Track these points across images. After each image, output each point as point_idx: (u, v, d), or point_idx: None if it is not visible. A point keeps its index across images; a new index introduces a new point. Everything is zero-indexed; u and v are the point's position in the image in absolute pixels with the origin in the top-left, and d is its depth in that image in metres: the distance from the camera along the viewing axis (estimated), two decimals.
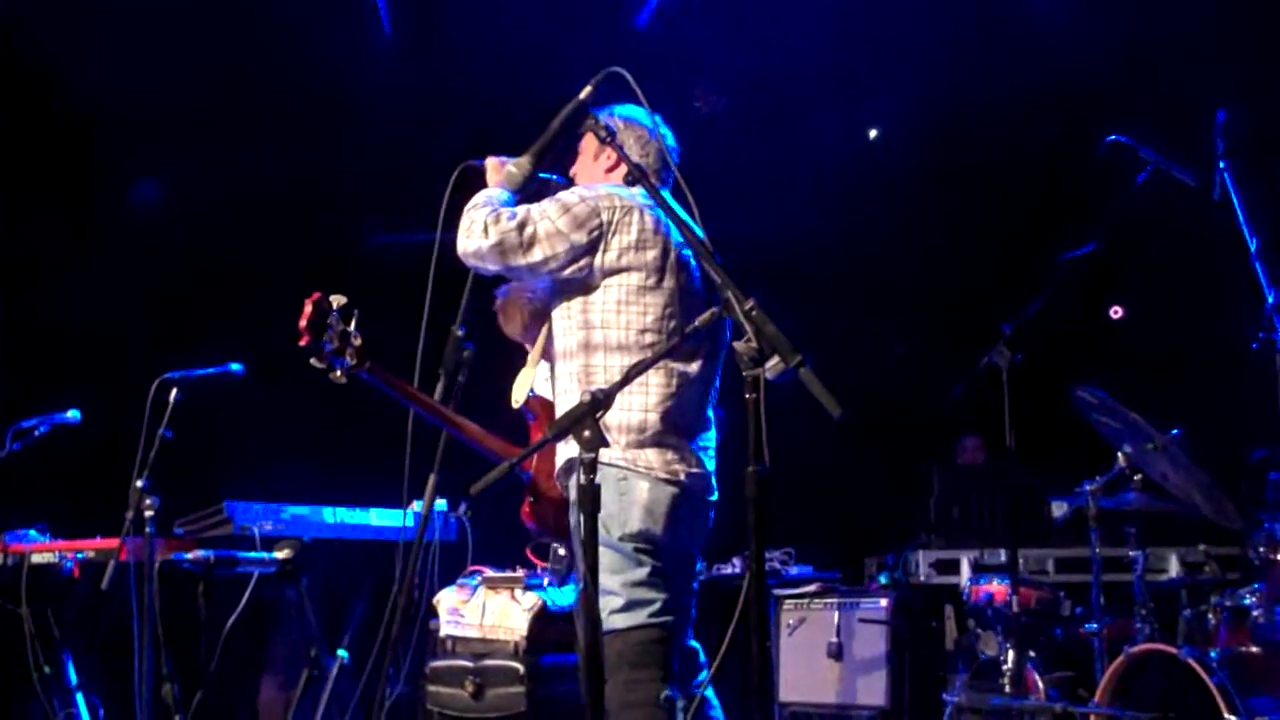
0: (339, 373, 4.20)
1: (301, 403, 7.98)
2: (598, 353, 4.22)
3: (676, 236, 4.31)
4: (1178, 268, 7.16)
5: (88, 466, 7.40)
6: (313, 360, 4.21)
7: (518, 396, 4.50)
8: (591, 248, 4.19)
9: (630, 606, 4.13)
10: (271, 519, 6.26)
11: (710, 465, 4.32)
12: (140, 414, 6.35)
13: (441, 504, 6.86)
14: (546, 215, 4.17)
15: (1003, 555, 6.94)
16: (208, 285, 8.44)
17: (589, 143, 4.45)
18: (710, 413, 4.36)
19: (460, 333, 4.28)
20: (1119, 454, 5.59)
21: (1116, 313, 5.99)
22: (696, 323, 3.28)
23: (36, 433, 6.55)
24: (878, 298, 8.29)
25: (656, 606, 4.15)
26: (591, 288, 4.25)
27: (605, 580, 4.09)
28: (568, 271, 4.25)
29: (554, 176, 4.43)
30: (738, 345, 3.09)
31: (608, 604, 4.12)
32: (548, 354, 4.45)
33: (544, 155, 3.78)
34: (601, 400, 3.22)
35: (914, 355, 8.57)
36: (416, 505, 6.71)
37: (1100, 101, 7.28)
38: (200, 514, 6.51)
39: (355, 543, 6.60)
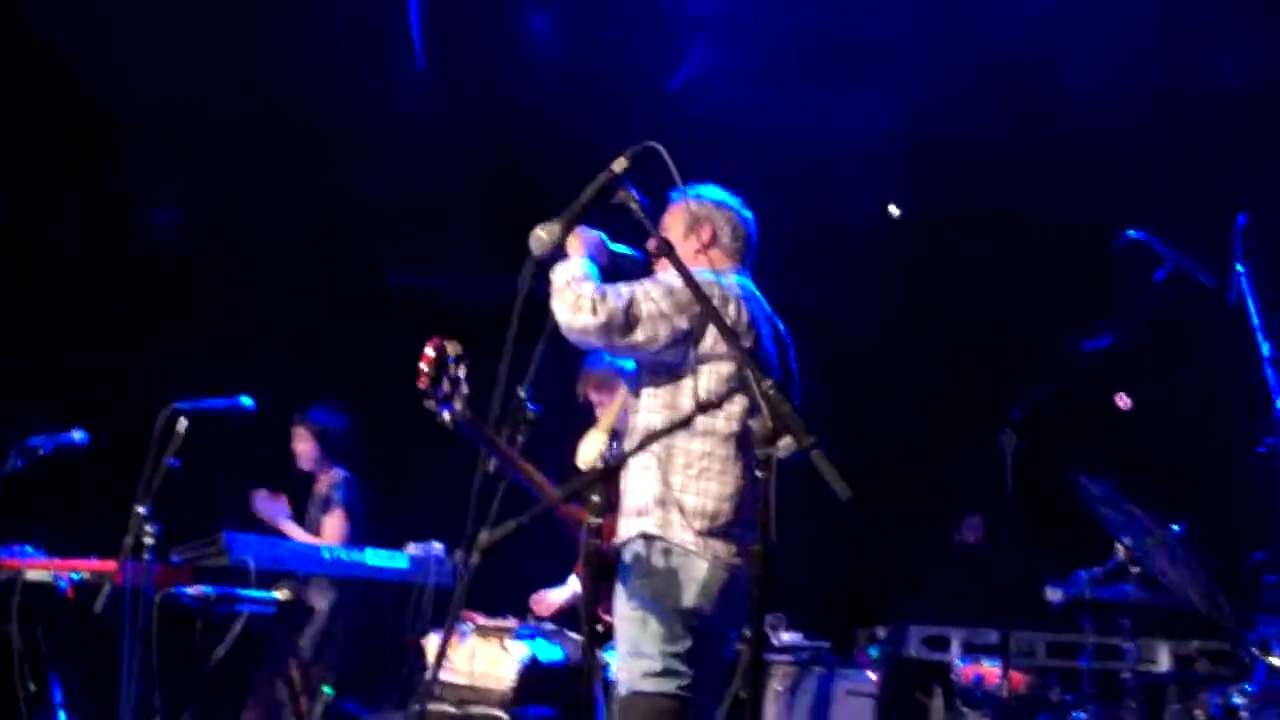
0: (446, 417, 4.25)
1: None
2: (680, 436, 4.26)
3: (764, 330, 4.43)
4: (1190, 367, 7.19)
5: (88, 488, 7.42)
6: (426, 403, 4.26)
7: (586, 458, 4.58)
8: (690, 333, 4.25)
9: (665, 674, 4.24)
10: (269, 553, 6.27)
11: None
12: (145, 439, 6.40)
13: (437, 548, 6.90)
14: (651, 297, 4.24)
15: (994, 636, 6.93)
16: (224, 312, 8.49)
17: (677, 220, 4.51)
18: None
19: (524, 394, 4.32)
20: (1118, 545, 5.60)
21: (1124, 402, 5.99)
22: (712, 396, 3.31)
23: (41, 451, 6.58)
24: (890, 373, 8.32)
25: (686, 681, 4.25)
26: (683, 372, 4.31)
27: (644, 644, 4.24)
28: (665, 354, 4.32)
29: (634, 252, 4.49)
30: (753, 423, 3.12)
31: (641, 667, 4.25)
32: (621, 423, 4.51)
33: (574, 225, 3.81)
34: (612, 466, 3.24)
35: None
36: (412, 548, 6.78)
37: (1126, 193, 7.32)
38: (197, 543, 6.52)
39: (348, 580, 6.61)
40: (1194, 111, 7.43)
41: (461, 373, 4.28)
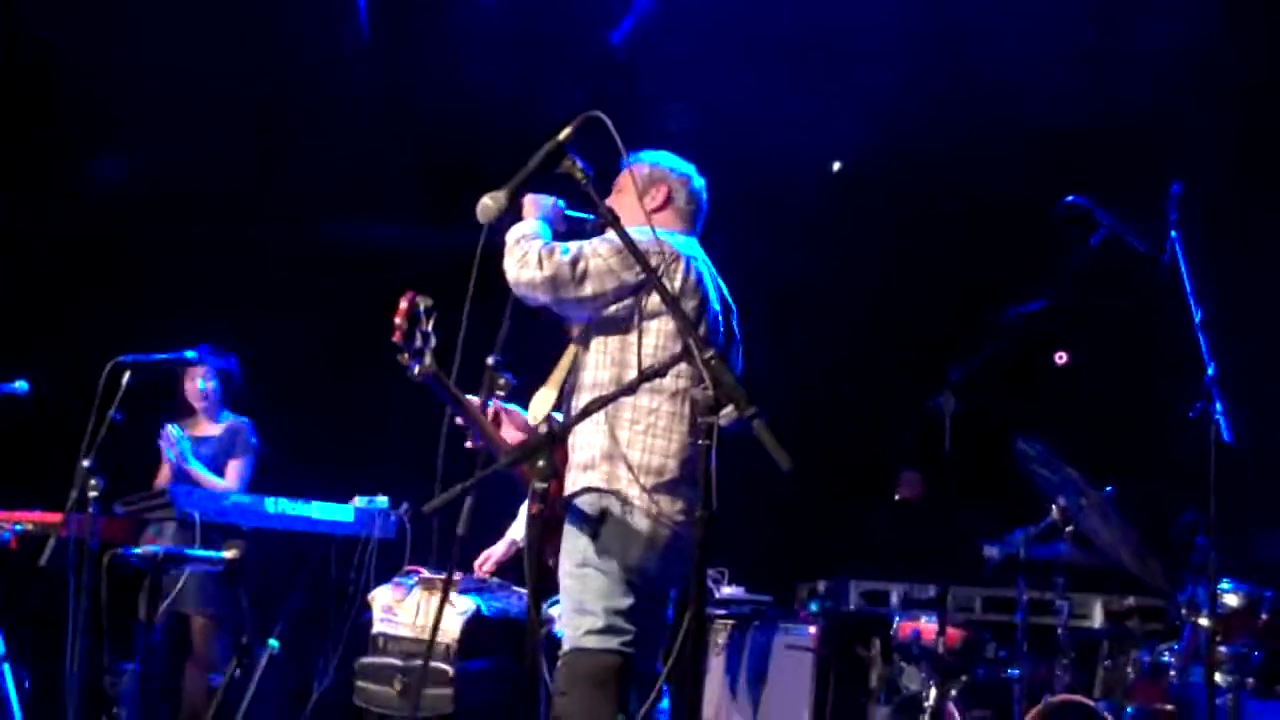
0: (416, 371, 4.28)
1: (253, 393, 8.03)
2: (634, 392, 4.22)
3: (711, 292, 4.48)
4: (1124, 331, 7.29)
5: (30, 439, 7.40)
6: (398, 356, 4.30)
7: (535, 414, 4.59)
8: (637, 288, 4.30)
9: (607, 631, 4.28)
10: (214, 506, 6.29)
11: None
12: (90, 391, 6.38)
13: (382, 501, 6.94)
14: (598, 253, 4.30)
15: (931, 590, 7.04)
16: (168, 269, 8.44)
17: (628, 181, 4.54)
18: None
19: (491, 361, 4.38)
20: (1053, 506, 5.70)
21: (1061, 358, 6.07)
22: (655, 364, 3.36)
23: None
24: (827, 331, 8.38)
25: (629, 638, 4.30)
26: (630, 328, 4.35)
27: (587, 601, 4.29)
28: (612, 309, 4.37)
29: (589, 217, 4.53)
30: (694, 392, 3.18)
31: (583, 623, 4.29)
32: (570, 380, 4.53)
33: (520, 193, 3.84)
34: (558, 434, 3.29)
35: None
36: (359, 500, 6.81)
37: (1062, 158, 7.40)
38: (142, 495, 6.54)
39: (293, 534, 6.64)
40: (1129, 76, 7.51)
41: (429, 326, 4.32)
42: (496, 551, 6.59)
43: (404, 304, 4.32)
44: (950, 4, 7.53)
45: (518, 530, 6.70)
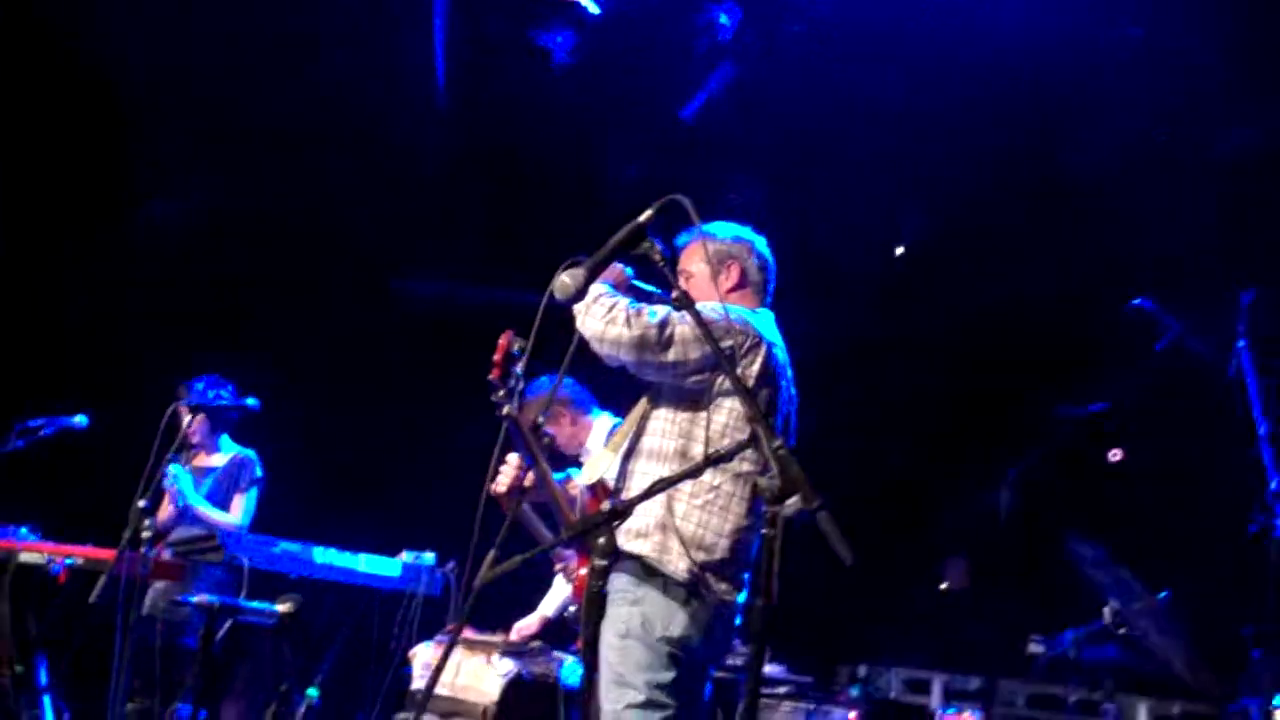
0: (505, 410, 4.30)
1: (305, 440, 8.07)
2: (701, 474, 4.23)
3: (785, 380, 4.47)
4: (1185, 437, 7.24)
5: (88, 473, 7.46)
6: (493, 394, 4.35)
7: (590, 475, 4.55)
8: (718, 364, 4.21)
9: (648, 706, 4.23)
10: (263, 552, 6.31)
11: (744, 596, 4.44)
12: (149, 429, 6.44)
13: (429, 557, 6.93)
14: (686, 321, 4.23)
15: (974, 682, 6.96)
16: (234, 310, 8.52)
17: (699, 261, 4.55)
18: None
19: (542, 419, 4.40)
20: (1105, 608, 5.64)
21: (1115, 455, 6.03)
22: (723, 449, 3.36)
23: (41, 433, 6.63)
24: (887, 416, 8.36)
25: (669, 713, 4.25)
26: (702, 404, 4.34)
27: (629, 675, 4.23)
28: (690, 380, 4.34)
29: (657, 291, 4.52)
30: (761, 481, 3.17)
31: (624, 697, 4.23)
32: (632, 441, 4.50)
33: (599, 273, 3.85)
34: (620, 511, 3.29)
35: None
36: (406, 555, 6.82)
37: (1131, 260, 7.38)
38: (193, 538, 6.57)
39: (339, 584, 6.64)
40: (1201, 182, 7.49)
41: (520, 368, 4.34)
42: (529, 628, 6.59)
43: (503, 342, 4.32)
44: (1023, 97, 7.52)
45: (549, 605, 6.70)
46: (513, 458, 4.51)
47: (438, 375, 8.50)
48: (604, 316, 4.29)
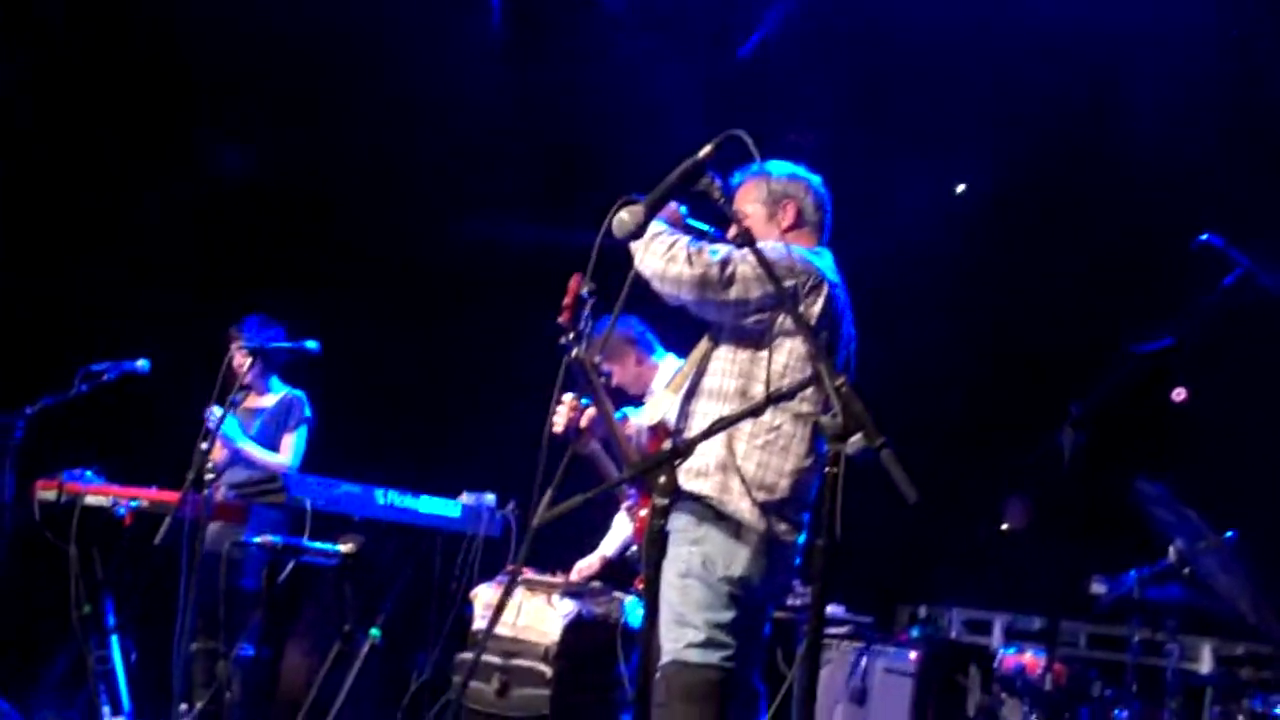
0: (574, 353, 4.30)
1: (363, 382, 8.10)
2: (762, 413, 4.19)
3: (846, 319, 4.46)
4: (1253, 375, 7.14)
5: (151, 416, 7.53)
6: (562, 337, 4.32)
7: (652, 415, 4.54)
8: (778, 304, 4.20)
9: (708, 645, 4.24)
10: (325, 494, 6.33)
11: (803, 537, 4.42)
12: (207, 371, 6.50)
13: (490, 498, 6.95)
14: (747, 259, 4.16)
15: (1036, 623, 6.94)
16: (292, 255, 8.55)
17: (756, 201, 4.51)
18: None
19: (599, 359, 4.37)
20: (1170, 548, 5.59)
21: (1179, 395, 5.95)
22: (784, 387, 3.34)
23: (105, 377, 6.68)
24: (947, 353, 8.29)
25: (730, 652, 4.26)
26: (763, 342, 4.30)
27: (689, 614, 4.25)
28: (751, 319, 4.31)
29: (710, 229, 4.48)
30: (823, 419, 3.14)
31: (684, 636, 4.24)
32: (692, 381, 4.47)
33: (657, 210, 3.83)
34: (681, 450, 3.27)
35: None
36: (466, 497, 6.83)
37: (1200, 194, 7.27)
38: (255, 480, 6.61)
39: (400, 526, 6.67)
40: (1271, 117, 7.36)
41: (588, 311, 4.33)
42: (589, 568, 6.60)
43: (573, 285, 4.30)
44: (1085, 34, 7.41)
45: (609, 545, 6.71)
46: (568, 397, 4.49)
47: (496, 316, 8.52)
48: (664, 254, 4.25)
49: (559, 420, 4.50)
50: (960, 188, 8.54)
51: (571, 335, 4.33)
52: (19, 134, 8.07)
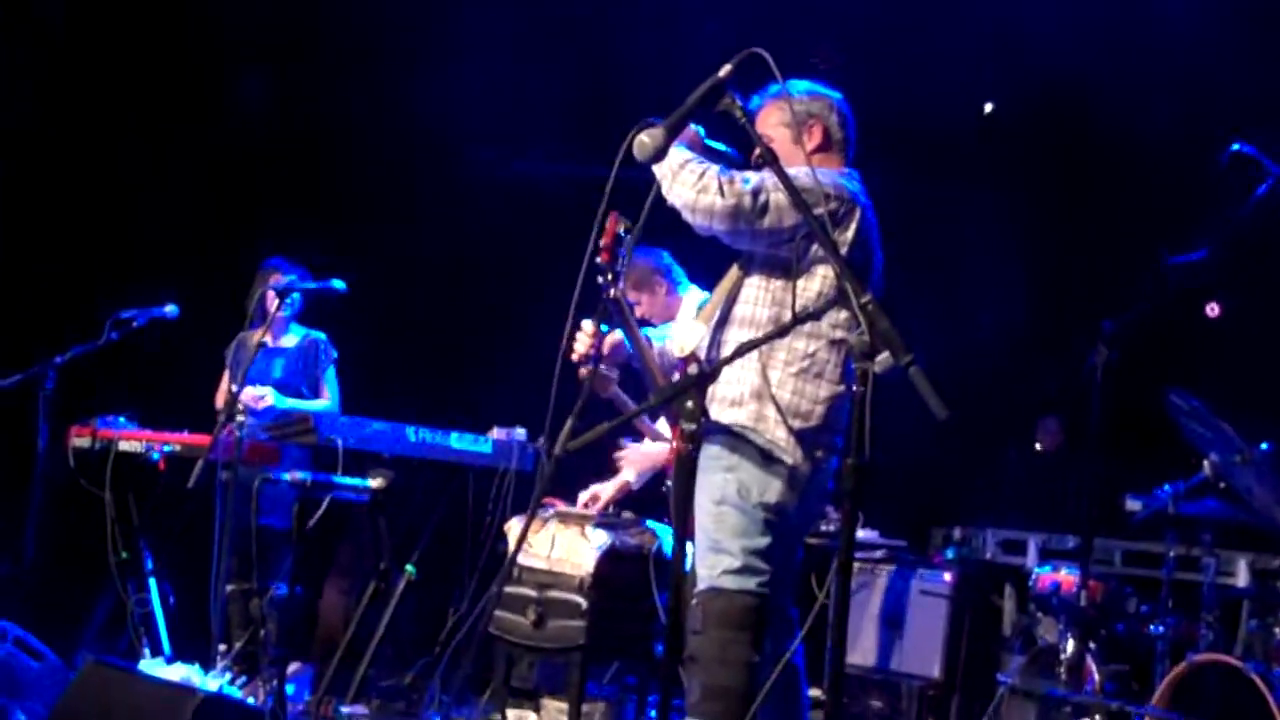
0: (612, 293, 4.27)
1: (388, 322, 8.10)
2: (787, 334, 4.21)
3: (877, 239, 4.40)
4: None
5: (181, 361, 7.56)
6: (600, 276, 4.28)
7: (686, 344, 4.46)
8: (811, 231, 4.09)
9: (744, 571, 4.24)
10: (356, 433, 6.35)
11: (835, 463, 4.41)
12: (238, 315, 6.50)
13: (520, 433, 6.95)
14: (780, 187, 4.02)
15: (1070, 541, 6.93)
16: (314, 196, 8.54)
17: (780, 121, 4.44)
18: None
19: (619, 290, 4.33)
20: (1205, 462, 5.56)
21: (1213, 310, 5.91)
22: (811, 307, 3.31)
23: (134, 324, 6.69)
24: (977, 274, 8.24)
25: (765, 578, 4.26)
26: (797, 271, 4.24)
27: (725, 540, 4.24)
28: (785, 247, 4.26)
29: (730, 150, 4.41)
30: (850, 338, 3.12)
31: (720, 562, 4.24)
32: (724, 310, 4.44)
33: (679, 132, 3.77)
34: (708, 374, 3.25)
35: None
36: (496, 432, 6.84)
37: (1225, 105, 7.17)
38: (286, 420, 6.63)
39: (432, 462, 6.69)
40: None
41: (624, 250, 4.29)
42: (607, 491, 6.57)
43: (610, 225, 4.25)
44: None
45: (631, 471, 6.66)
46: (587, 324, 4.45)
47: (520, 250, 8.51)
48: (695, 185, 4.19)
49: (578, 347, 4.46)
50: (988, 107, 8.45)
51: (610, 275, 4.28)
52: (41, 85, 8.07)
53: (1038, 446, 8.21)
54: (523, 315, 8.26)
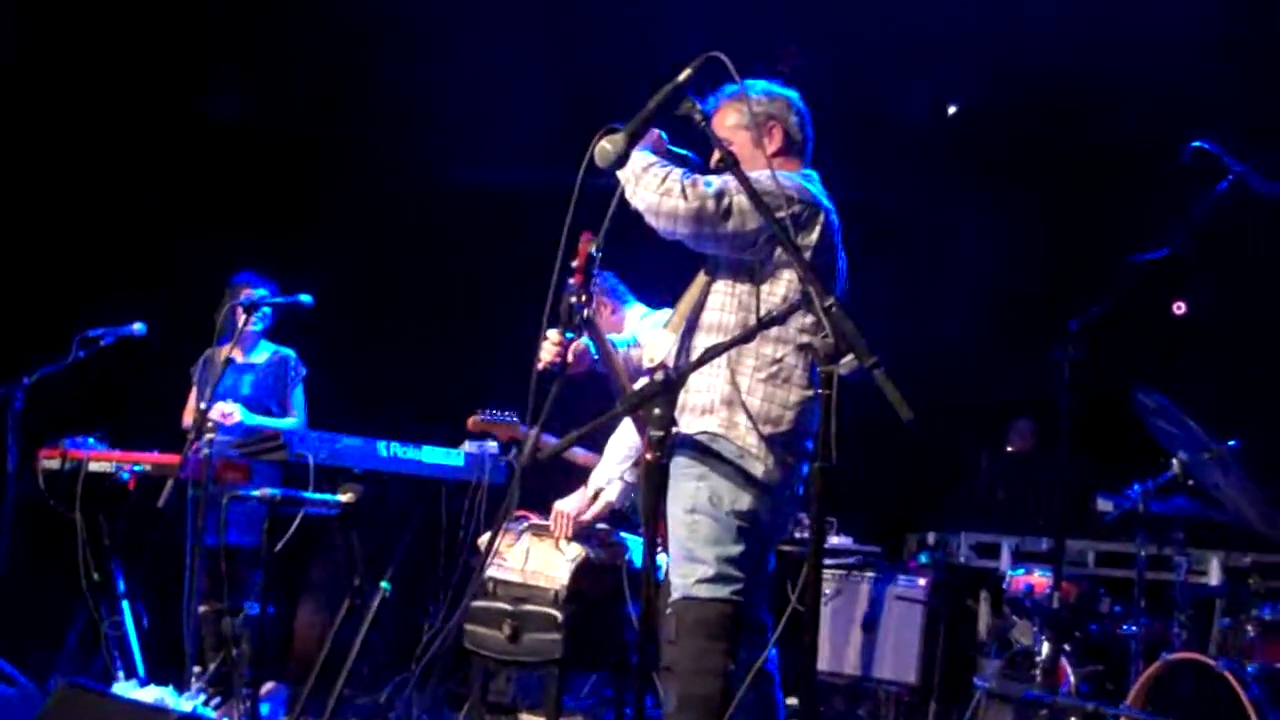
0: (585, 315, 4.25)
1: (358, 336, 8.07)
2: (753, 339, 4.19)
3: (840, 243, 4.38)
4: (1250, 281, 7.11)
5: (149, 380, 7.52)
6: (573, 297, 4.24)
7: (653, 356, 4.45)
8: (775, 236, 4.05)
9: (718, 579, 4.23)
10: (326, 448, 6.32)
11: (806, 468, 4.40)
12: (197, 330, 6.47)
13: (492, 445, 6.93)
14: (743, 190, 3.98)
15: (1044, 544, 6.95)
16: (286, 208, 8.50)
17: (738, 122, 4.42)
18: None
19: (574, 300, 4.29)
20: (1174, 459, 5.57)
21: (1179, 308, 5.94)
22: (775, 311, 3.31)
23: (102, 342, 6.65)
24: (942, 276, 8.26)
25: (739, 586, 4.25)
26: (762, 275, 4.24)
27: (698, 549, 4.23)
28: (749, 251, 4.25)
29: (690, 155, 4.40)
30: (815, 340, 3.12)
31: (694, 571, 4.23)
32: (692, 317, 4.42)
33: (639, 137, 3.77)
34: (675, 380, 3.25)
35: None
36: (469, 445, 6.81)
37: (1190, 104, 7.20)
38: (257, 437, 6.60)
39: (404, 477, 6.66)
40: (1263, 20, 7.27)
41: (596, 270, 4.27)
42: (588, 512, 6.48)
43: (583, 247, 4.22)
44: None
45: (613, 490, 6.61)
46: (552, 333, 4.43)
47: (488, 260, 8.50)
48: (658, 188, 4.18)
49: (544, 355, 4.44)
50: (951, 109, 8.47)
51: (584, 297, 4.27)
52: (3, 97, 8.02)
53: (1009, 449, 8.23)
54: (493, 326, 8.26)
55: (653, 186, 4.20)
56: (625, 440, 6.10)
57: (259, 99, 8.65)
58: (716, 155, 3.76)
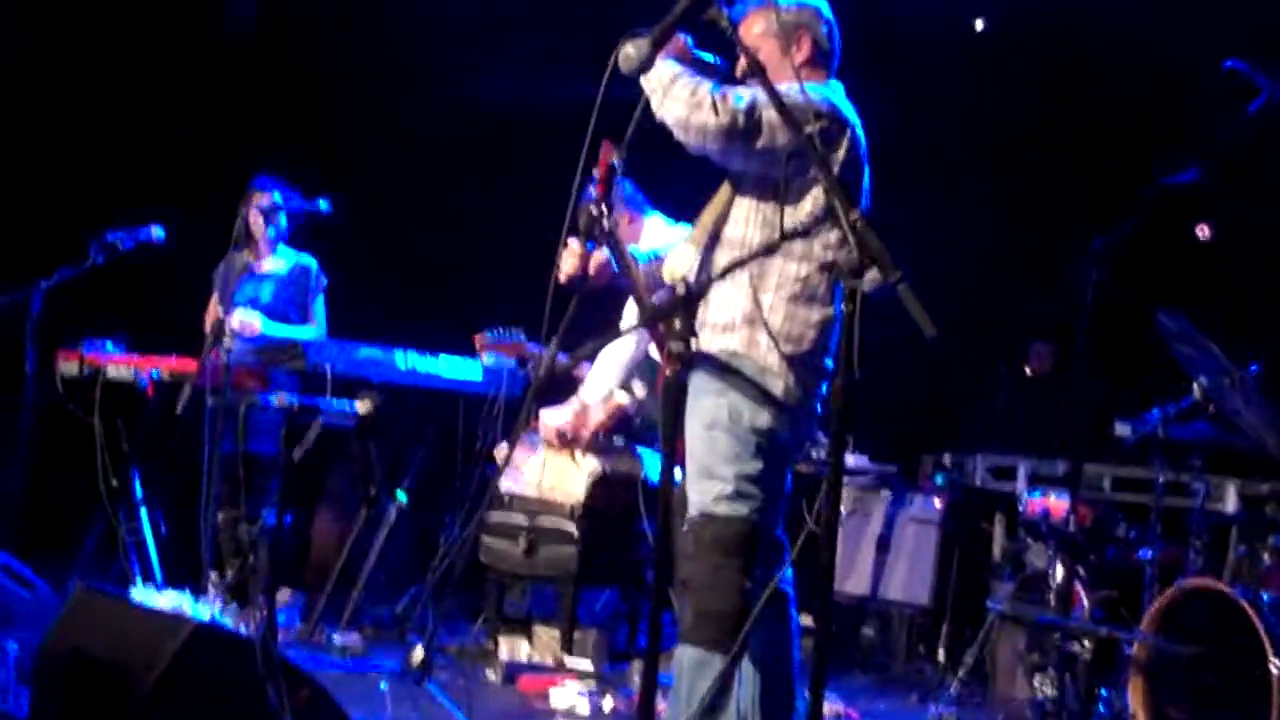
0: (606, 225, 4.18)
1: (375, 244, 8.04)
2: (777, 257, 4.13)
3: (865, 155, 4.28)
4: (1277, 203, 7.01)
5: (169, 284, 7.50)
6: (594, 207, 4.13)
7: (674, 272, 4.31)
8: (805, 151, 3.94)
9: (737, 497, 4.17)
10: (345, 358, 6.32)
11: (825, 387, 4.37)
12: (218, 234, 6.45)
13: (510, 360, 6.93)
14: (771, 104, 3.84)
15: (1060, 467, 6.93)
16: (299, 113, 8.46)
17: (766, 31, 4.29)
18: None
19: (595, 210, 4.23)
20: (1194, 384, 5.53)
21: (1203, 232, 5.85)
22: (799, 225, 3.26)
23: (120, 246, 6.60)
24: (969, 194, 8.16)
25: (758, 504, 4.19)
26: (788, 192, 4.13)
27: (716, 466, 4.17)
28: (777, 168, 4.12)
29: (716, 60, 4.28)
30: (839, 255, 3.08)
31: (712, 488, 4.18)
32: (714, 230, 4.31)
33: (664, 43, 3.69)
34: (696, 294, 3.22)
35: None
36: (487, 357, 6.82)
37: (1220, 21, 7.07)
38: (275, 346, 6.60)
39: (421, 390, 6.66)
40: None
41: (618, 180, 4.21)
42: (557, 421, 6.40)
43: (604, 157, 4.11)
44: None
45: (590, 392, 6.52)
46: (573, 242, 4.37)
47: (508, 169, 8.45)
48: (688, 101, 4.06)
49: (565, 266, 4.40)
50: (979, 24, 8.32)
51: (606, 208, 4.21)
52: (28, 14, 7.97)
53: (1028, 371, 8.18)
54: (512, 235, 8.22)
55: (682, 99, 4.09)
56: (620, 353, 6.05)
57: (272, 7, 8.58)
58: (743, 63, 3.67)
